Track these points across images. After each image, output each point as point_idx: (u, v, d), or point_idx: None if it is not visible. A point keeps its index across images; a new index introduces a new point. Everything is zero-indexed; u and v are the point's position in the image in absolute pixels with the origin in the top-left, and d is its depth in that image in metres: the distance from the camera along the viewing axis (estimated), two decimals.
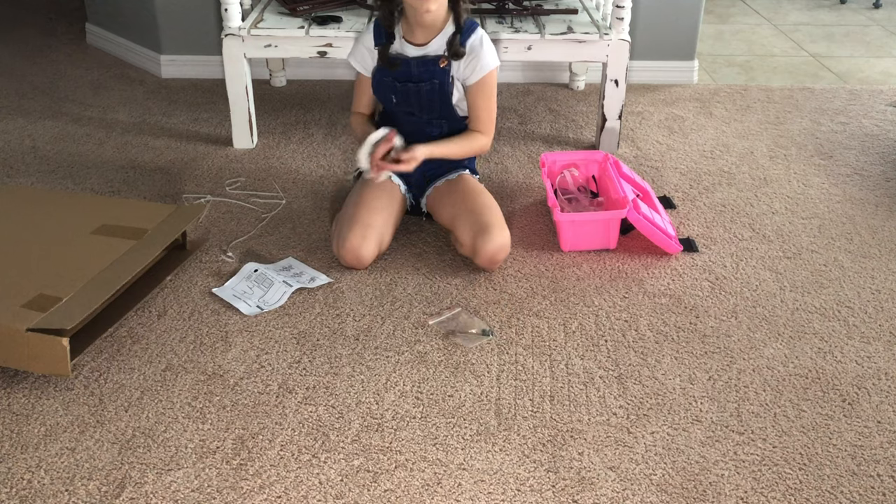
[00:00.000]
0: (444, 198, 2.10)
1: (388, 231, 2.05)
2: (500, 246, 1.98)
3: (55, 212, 2.04)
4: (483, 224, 1.99)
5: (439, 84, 2.05)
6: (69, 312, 1.65)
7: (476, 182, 2.15)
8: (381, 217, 2.02)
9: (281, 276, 1.98)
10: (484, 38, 2.05)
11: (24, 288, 1.73)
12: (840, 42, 3.80)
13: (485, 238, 1.96)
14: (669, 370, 1.74)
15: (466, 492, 1.45)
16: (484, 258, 1.99)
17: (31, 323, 1.62)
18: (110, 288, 1.75)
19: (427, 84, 2.05)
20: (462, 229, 2.02)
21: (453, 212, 2.06)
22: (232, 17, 2.49)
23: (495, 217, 2.01)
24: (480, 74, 2.04)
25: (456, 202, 2.07)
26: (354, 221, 2.00)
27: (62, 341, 1.60)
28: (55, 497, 1.43)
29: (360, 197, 2.05)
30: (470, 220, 2.01)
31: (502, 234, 1.98)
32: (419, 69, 2.04)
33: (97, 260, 1.82)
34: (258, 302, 1.91)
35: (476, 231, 1.98)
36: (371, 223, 2.00)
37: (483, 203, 2.05)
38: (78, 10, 3.92)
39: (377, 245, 2.01)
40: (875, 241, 2.20)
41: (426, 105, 2.09)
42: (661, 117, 2.93)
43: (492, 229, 1.97)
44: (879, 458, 1.52)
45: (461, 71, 2.05)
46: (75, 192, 2.40)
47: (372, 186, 2.07)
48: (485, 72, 2.04)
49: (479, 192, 2.09)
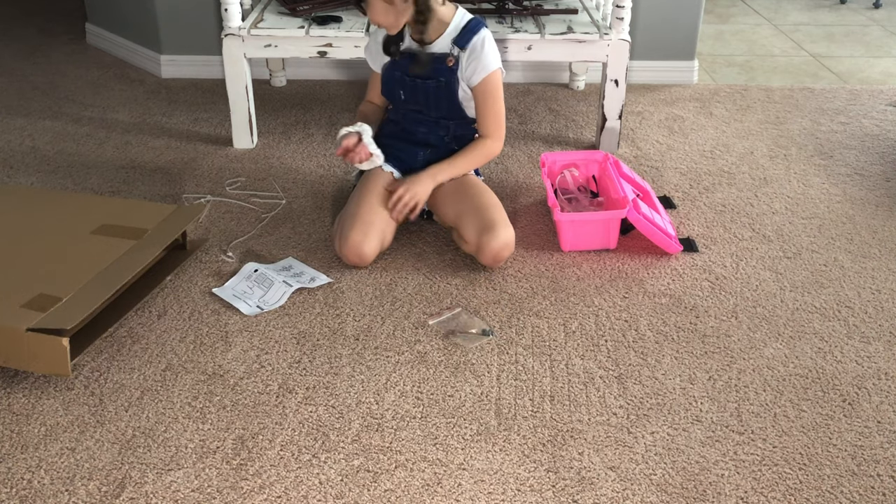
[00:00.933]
0: (447, 196, 2.10)
1: (389, 228, 2.04)
2: (505, 243, 1.98)
3: (55, 212, 2.03)
4: (488, 221, 1.99)
5: (446, 83, 2.06)
6: (69, 312, 1.65)
7: (479, 180, 2.16)
8: (382, 214, 2.03)
9: (281, 276, 1.99)
10: (486, 39, 2.05)
11: (24, 288, 1.72)
12: (840, 42, 3.80)
13: (490, 235, 1.97)
14: (669, 370, 1.74)
15: (466, 492, 1.45)
16: (488, 256, 1.99)
17: (31, 323, 1.61)
18: (110, 288, 1.75)
19: (434, 82, 2.06)
20: (467, 227, 2.02)
21: (458, 209, 2.06)
22: (232, 17, 2.49)
23: (500, 214, 2.02)
24: (482, 75, 2.04)
25: (460, 200, 2.07)
26: (356, 219, 2.00)
27: (62, 341, 1.60)
28: (55, 497, 1.43)
29: (362, 195, 2.06)
30: (475, 217, 2.01)
31: (507, 231, 1.99)
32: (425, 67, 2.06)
33: (97, 260, 1.82)
34: (258, 302, 1.91)
35: (481, 228, 1.98)
36: (373, 220, 2.00)
37: (488, 200, 2.05)
38: (78, 10, 3.92)
39: (379, 242, 2.01)
40: (875, 241, 2.20)
41: (433, 103, 2.10)
42: (661, 117, 2.93)
43: (497, 227, 1.98)
44: (879, 458, 1.53)
45: (465, 71, 2.05)
46: (75, 192, 2.40)
47: (374, 184, 2.07)
48: (486, 72, 2.04)
49: (483, 190, 2.09)
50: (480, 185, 2.12)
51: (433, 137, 2.15)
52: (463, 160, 2.11)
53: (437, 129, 2.14)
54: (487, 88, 2.06)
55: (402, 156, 2.15)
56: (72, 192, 2.37)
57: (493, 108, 2.09)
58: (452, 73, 2.05)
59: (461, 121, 2.14)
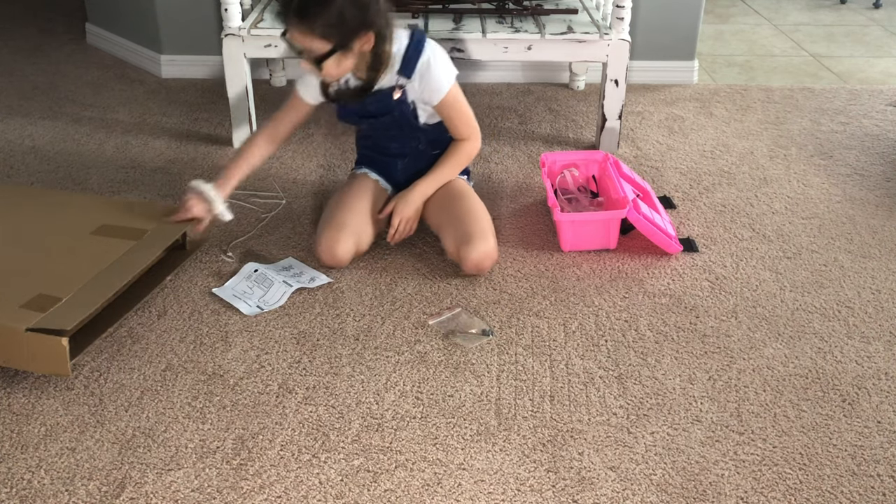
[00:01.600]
0: (430, 203, 2.08)
1: (366, 230, 2.03)
2: (483, 255, 1.95)
3: (55, 212, 2.03)
4: (466, 233, 1.96)
5: (399, 114, 1.99)
6: (69, 313, 1.65)
7: (463, 185, 2.11)
8: (357, 217, 2.01)
9: (281, 276, 1.99)
10: (432, 58, 1.93)
11: (23, 288, 1.72)
12: (840, 42, 3.80)
13: (467, 248, 1.94)
14: (669, 370, 1.74)
15: (466, 492, 1.45)
16: (468, 266, 1.97)
17: (30, 323, 1.61)
18: (110, 288, 1.74)
19: (388, 117, 2.00)
20: (446, 237, 2.01)
21: (439, 219, 2.05)
22: (232, 17, 2.49)
23: (478, 225, 1.97)
24: (439, 97, 1.96)
25: (441, 209, 2.05)
26: (328, 222, 2.01)
27: (62, 341, 1.59)
28: (55, 497, 1.43)
29: (340, 198, 2.06)
30: (453, 227, 1.99)
31: (485, 243, 1.95)
32: (374, 105, 1.98)
33: (97, 260, 1.82)
34: (258, 302, 1.91)
35: (458, 240, 1.96)
36: (345, 223, 2.00)
37: (467, 209, 2.01)
38: (78, 10, 3.92)
39: (353, 244, 2.00)
40: (875, 241, 2.20)
41: (395, 133, 2.05)
42: (661, 117, 2.93)
43: (473, 239, 1.94)
44: (879, 458, 1.52)
45: (419, 94, 1.96)
46: (75, 192, 2.40)
47: (353, 187, 2.07)
48: (442, 94, 1.95)
49: (463, 197, 2.05)
50: (464, 192, 2.08)
51: (407, 148, 2.09)
52: (446, 168, 2.06)
53: (409, 141, 2.07)
54: (448, 102, 1.98)
55: (382, 166, 2.14)
56: (71, 192, 2.37)
57: (461, 116, 2.02)
58: (404, 104, 1.97)
59: (431, 129, 2.06)
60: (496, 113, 2.94)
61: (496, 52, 2.52)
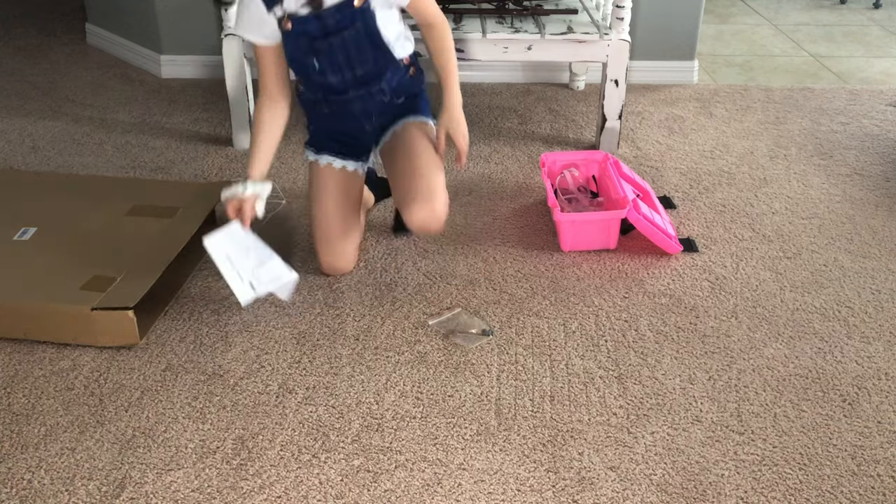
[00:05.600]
0: (386, 155, 1.99)
1: (356, 225, 2.01)
2: (428, 217, 1.84)
3: (85, 196, 2.16)
4: (411, 192, 1.85)
5: (363, 26, 1.81)
6: (128, 290, 1.77)
7: (418, 135, 1.95)
8: (343, 223, 1.98)
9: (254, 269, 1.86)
10: None
11: (77, 272, 1.84)
12: (840, 42, 3.80)
13: (411, 208, 1.84)
14: (669, 370, 1.74)
15: (466, 492, 1.45)
16: (413, 227, 1.88)
17: (94, 303, 1.74)
18: (162, 263, 1.85)
19: (350, 31, 1.81)
20: (395, 194, 1.94)
21: (390, 170, 1.96)
22: (232, 17, 2.49)
23: (424, 184, 1.85)
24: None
25: (393, 161, 1.95)
26: (320, 239, 1.98)
27: (128, 314, 1.73)
28: (55, 497, 1.43)
29: (318, 206, 1.98)
30: (400, 184, 1.89)
31: (429, 205, 1.83)
32: (333, 19, 1.79)
33: (139, 239, 1.96)
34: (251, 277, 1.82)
35: (402, 199, 1.88)
36: (335, 234, 1.97)
37: (417, 166, 1.88)
38: (78, 10, 3.92)
39: (352, 250, 2.00)
40: (875, 241, 2.20)
41: (357, 58, 1.84)
42: (661, 117, 2.93)
43: (418, 199, 1.83)
44: (879, 458, 1.53)
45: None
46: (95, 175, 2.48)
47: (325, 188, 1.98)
48: None
49: (415, 152, 1.91)
50: (416, 143, 1.92)
51: (371, 104, 1.94)
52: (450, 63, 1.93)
53: (372, 94, 1.91)
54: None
55: (346, 140, 1.99)
56: (95, 176, 2.45)
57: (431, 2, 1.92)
58: (366, 14, 1.80)
59: (393, 67, 1.91)
60: (496, 113, 2.94)
61: (496, 52, 2.52)
